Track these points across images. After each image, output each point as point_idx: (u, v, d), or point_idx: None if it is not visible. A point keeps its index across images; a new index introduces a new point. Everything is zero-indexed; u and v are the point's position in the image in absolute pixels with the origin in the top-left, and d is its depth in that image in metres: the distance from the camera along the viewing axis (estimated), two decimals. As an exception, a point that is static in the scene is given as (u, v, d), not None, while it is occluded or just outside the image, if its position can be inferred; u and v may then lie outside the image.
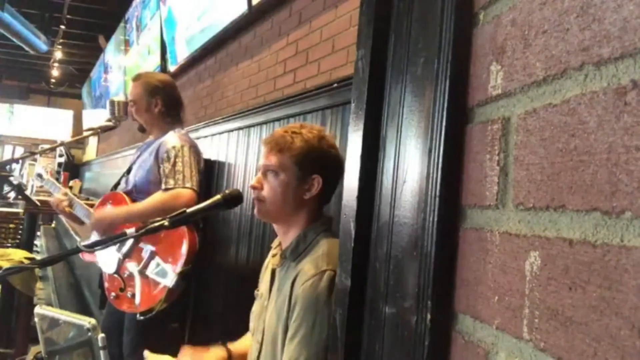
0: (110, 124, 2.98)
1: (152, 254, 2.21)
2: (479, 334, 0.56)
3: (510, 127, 0.54)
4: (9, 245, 3.96)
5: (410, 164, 0.69)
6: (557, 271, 0.46)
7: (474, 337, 0.57)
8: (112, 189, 2.55)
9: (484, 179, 0.58)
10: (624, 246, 0.39)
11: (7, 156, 12.70)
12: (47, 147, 3.43)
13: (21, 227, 4.43)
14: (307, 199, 1.28)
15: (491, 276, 0.55)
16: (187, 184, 2.20)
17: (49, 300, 4.97)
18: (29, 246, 4.99)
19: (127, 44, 6.18)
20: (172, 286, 2.10)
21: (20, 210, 4.52)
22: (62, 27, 7.80)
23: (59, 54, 9.43)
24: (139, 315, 2.14)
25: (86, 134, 3.27)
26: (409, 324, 0.64)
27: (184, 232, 2.17)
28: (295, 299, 1.18)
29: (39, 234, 7.78)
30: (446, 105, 0.63)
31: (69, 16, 7.43)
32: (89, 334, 1.17)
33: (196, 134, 3.30)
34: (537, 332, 0.47)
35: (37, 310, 1.33)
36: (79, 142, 12.33)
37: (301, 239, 1.28)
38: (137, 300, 2.19)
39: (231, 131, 2.88)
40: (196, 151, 2.35)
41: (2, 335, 3.23)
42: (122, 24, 6.34)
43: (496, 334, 0.53)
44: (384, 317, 0.71)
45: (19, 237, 4.31)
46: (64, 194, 2.54)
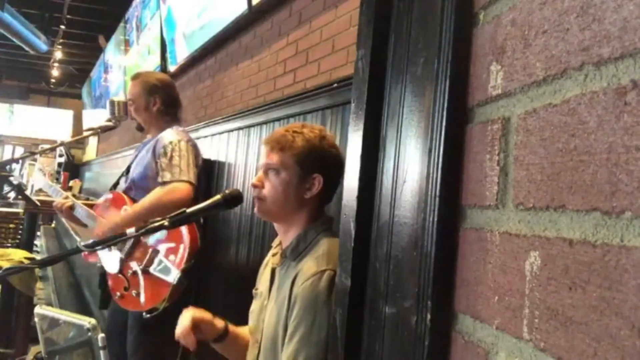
0: (110, 124, 2.98)
1: (155, 252, 2.21)
2: (479, 334, 0.56)
3: (510, 127, 0.54)
4: (9, 245, 3.96)
5: (410, 164, 0.69)
6: (557, 271, 0.46)
7: (474, 337, 0.57)
8: (111, 189, 2.56)
9: (484, 179, 0.58)
10: (624, 246, 0.39)
11: (7, 156, 12.69)
12: (47, 147, 3.43)
13: (21, 227, 4.42)
14: (308, 198, 1.28)
15: (491, 276, 0.55)
16: (184, 177, 2.20)
17: (49, 300, 4.98)
18: (29, 246, 4.99)
19: (127, 44, 6.18)
20: (175, 283, 2.10)
21: (20, 210, 4.52)
22: (62, 27, 7.80)
23: (59, 54, 9.43)
24: (145, 313, 2.14)
25: (86, 134, 3.27)
26: (409, 324, 0.64)
27: (185, 229, 2.17)
28: (294, 299, 1.18)
29: (39, 234, 7.78)
30: (446, 105, 0.63)
31: (69, 16, 7.43)
32: (89, 334, 1.17)
33: (196, 134, 3.30)
34: (537, 332, 0.47)
35: (37, 310, 1.33)
36: (79, 142, 12.33)
37: (301, 238, 1.28)
38: (142, 298, 2.19)
39: (231, 131, 2.88)
40: (193, 145, 2.36)
41: (2, 335, 3.23)
42: (122, 24, 6.34)
43: (496, 334, 0.53)
44: (384, 317, 0.71)
45: (19, 237, 4.30)
46: (66, 197, 2.55)
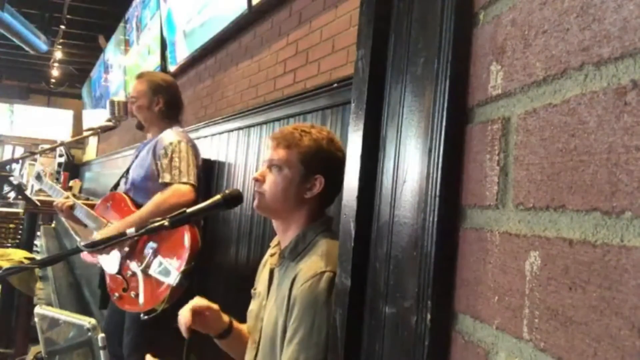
0: (110, 124, 2.98)
1: (155, 253, 2.21)
2: (479, 334, 0.56)
3: (510, 127, 0.54)
4: (9, 245, 3.96)
5: (410, 164, 0.69)
6: (557, 271, 0.46)
7: (474, 337, 0.57)
8: (111, 190, 2.56)
9: (484, 179, 0.58)
10: (624, 246, 0.39)
11: (7, 156, 12.69)
12: (47, 147, 3.43)
13: (21, 227, 4.42)
14: (308, 198, 1.28)
15: (491, 276, 0.55)
16: (184, 179, 2.20)
17: (49, 300, 4.97)
18: (29, 246, 4.99)
19: (127, 44, 6.18)
20: (175, 285, 2.10)
21: (20, 210, 4.52)
22: (62, 27, 7.80)
23: (59, 54, 9.43)
24: (142, 315, 2.13)
25: (86, 134, 3.26)
26: (409, 324, 0.64)
27: (186, 230, 2.17)
28: (294, 300, 1.18)
29: (39, 234, 7.78)
30: (446, 105, 0.63)
31: (69, 16, 7.43)
32: (89, 334, 1.17)
33: (196, 134, 3.30)
34: (537, 332, 0.47)
35: (37, 310, 1.33)
36: (79, 142, 12.33)
37: (300, 238, 1.28)
38: (140, 300, 2.19)
39: (231, 131, 2.89)
40: (193, 146, 2.36)
41: (2, 335, 3.23)
42: (122, 24, 6.34)
43: (496, 334, 0.53)
44: (384, 317, 0.71)
45: (19, 237, 4.30)
46: (66, 197, 2.55)
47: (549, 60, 0.50)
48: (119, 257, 2.29)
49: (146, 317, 2.12)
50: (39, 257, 4.87)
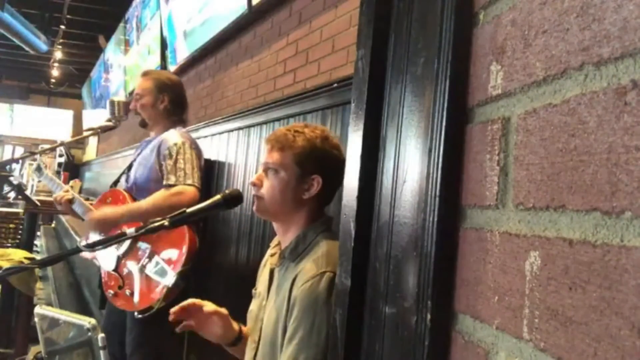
0: (110, 124, 2.97)
1: (152, 253, 2.21)
2: (479, 334, 0.56)
3: (510, 127, 0.54)
4: (9, 245, 3.96)
5: (410, 164, 0.69)
6: (557, 271, 0.46)
7: (474, 337, 0.57)
8: (111, 186, 2.55)
9: (484, 179, 0.58)
10: (624, 246, 0.39)
11: (7, 156, 12.68)
12: (47, 147, 3.42)
13: (21, 227, 4.42)
14: (307, 199, 1.28)
15: (491, 276, 0.55)
16: (189, 181, 2.20)
17: (49, 300, 4.97)
18: (29, 246, 4.99)
19: (127, 43, 6.18)
20: (171, 286, 2.10)
21: (20, 210, 4.52)
22: (62, 27, 7.80)
23: (59, 54, 9.43)
24: (136, 313, 2.14)
25: (86, 134, 3.26)
26: (409, 324, 0.64)
27: (184, 231, 2.17)
28: (294, 300, 1.18)
29: (39, 234, 7.78)
30: (446, 105, 0.63)
31: (69, 16, 7.43)
32: (89, 334, 1.17)
33: (196, 134, 3.30)
34: (537, 332, 0.47)
35: (37, 310, 1.33)
36: (79, 142, 12.33)
37: (300, 239, 1.27)
38: (135, 298, 2.19)
39: (231, 131, 2.89)
40: (197, 148, 2.36)
41: (2, 335, 3.23)
42: (122, 24, 6.34)
43: (496, 334, 0.53)
44: (384, 317, 0.71)
45: (19, 237, 4.30)
46: (66, 190, 2.54)
47: (549, 60, 0.50)
48: (116, 254, 2.29)
49: (140, 315, 2.12)
50: (39, 257, 4.87)
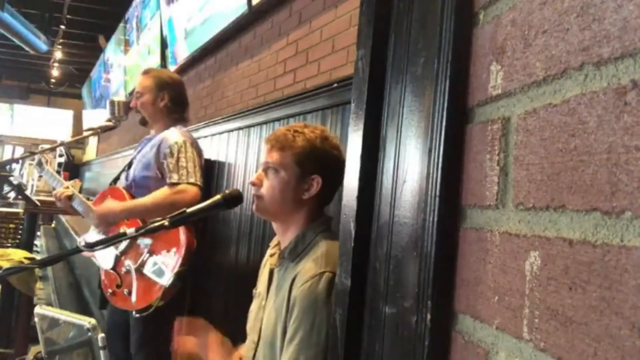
0: (110, 124, 2.97)
1: (150, 253, 2.21)
2: (479, 334, 0.56)
3: (510, 127, 0.54)
4: (9, 245, 3.95)
5: (410, 164, 0.69)
6: (557, 271, 0.46)
7: (474, 337, 0.57)
8: (111, 184, 2.55)
9: (484, 179, 0.58)
10: (624, 246, 0.39)
11: (7, 156, 12.68)
12: (47, 147, 3.42)
13: (21, 227, 4.42)
14: (306, 199, 1.28)
15: (491, 276, 0.55)
16: (191, 179, 2.21)
17: (49, 300, 4.98)
18: (29, 246, 4.99)
19: (127, 43, 6.18)
20: (168, 286, 2.11)
21: (20, 210, 4.52)
22: (62, 27, 7.79)
23: (59, 54, 9.43)
24: (134, 312, 2.14)
25: (86, 134, 3.26)
26: (409, 324, 0.64)
27: (182, 232, 2.17)
28: (293, 300, 1.18)
29: (39, 234, 7.78)
30: (446, 105, 0.63)
31: (69, 16, 7.43)
32: (89, 334, 1.17)
33: (196, 134, 3.29)
34: (537, 332, 0.47)
35: (37, 310, 1.33)
36: (79, 142, 12.32)
37: (300, 239, 1.27)
38: (133, 298, 2.19)
39: (231, 131, 2.88)
40: (197, 147, 2.37)
41: (2, 335, 3.23)
42: (122, 24, 6.34)
43: (496, 334, 0.53)
44: (384, 317, 0.71)
45: (19, 237, 4.30)
46: (66, 187, 2.54)
47: (549, 60, 0.50)
48: (114, 252, 2.29)
49: (138, 315, 2.12)
50: (39, 257, 4.87)
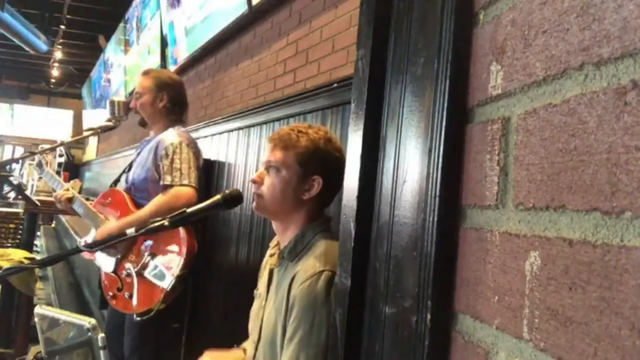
0: (110, 124, 2.97)
1: (151, 255, 2.21)
2: (479, 334, 0.56)
3: (510, 127, 0.54)
4: (9, 245, 3.96)
5: (410, 164, 0.69)
6: (557, 271, 0.46)
7: (474, 337, 0.57)
8: (111, 185, 2.55)
9: (484, 179, 0.58)
10: (624, 246, 0.39)
11: (7, 156, 12.68)
12: (47, 147, 3.42)
13: (21, 227, 4.42)
14: (306, 199, 1.28)
15: (491, 276, 0.55)
16: (185, 181, 2.20)
17: (49, 300, 4.98)
18: (29, 246, 4.98)
19: (127, 43, 6.18)
20: (169, 289, 2.10)
21: (20, 210, 4.52)
22: (62, 27, 7.79)
23: (59, 54, 9.42)
24: (135, 316, 2.14)
25: (86, 134, 3.25)
26: (409, 324, 0.64)
27: (183, 235, 2.17)
28: (293, 300, 1.18)
29: (39, 234, 7.78)
30: (446, 105, 0.63)
31: (69, 16, 7.42)
32: (89, 334, 1.17)
33: (196, 134, 3.30)
34: (537, 332, 0.47)
35: (37, 310, 1.33)
36: (79, 142, 12.32)
37: (299, 239, 1.28)
38: (134, 301, 2.19)
39: (231, 131, 2.88)
40: (195, 148, 2.36)
41: (2, 335, 3.23)
42: (122, 24, 6.34)
43: (496, 334, 0.53)
44: (384, 317, 0.71)
45: (19, 237, 4.30)
46: (66, 189, 2.54)
47: (549, 60, 0.50)
48: (116, 256, 2.29)
49: (139, 318, 2.12)
50: (39, 257, 4.87)
